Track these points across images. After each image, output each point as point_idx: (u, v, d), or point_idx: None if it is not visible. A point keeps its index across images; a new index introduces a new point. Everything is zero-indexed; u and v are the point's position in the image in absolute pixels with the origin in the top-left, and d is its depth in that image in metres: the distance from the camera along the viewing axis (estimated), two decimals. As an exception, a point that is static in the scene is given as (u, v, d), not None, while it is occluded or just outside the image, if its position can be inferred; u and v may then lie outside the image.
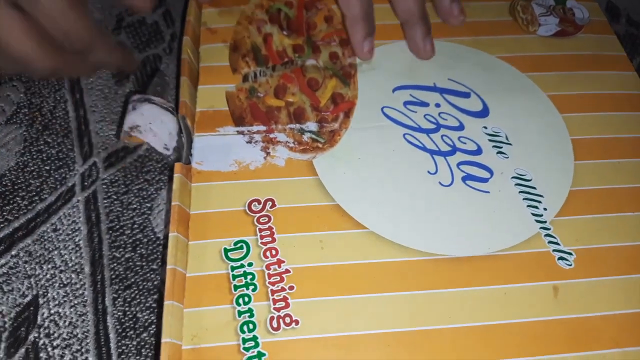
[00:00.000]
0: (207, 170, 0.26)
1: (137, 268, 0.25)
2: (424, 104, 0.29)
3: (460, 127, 0.28)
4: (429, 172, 0.26)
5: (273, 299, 0.22)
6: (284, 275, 0.23)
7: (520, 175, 0.26)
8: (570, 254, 0.24)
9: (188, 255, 0.23)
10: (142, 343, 0.24)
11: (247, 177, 0.26)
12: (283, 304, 0.22)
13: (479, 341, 0.22)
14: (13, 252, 0.24)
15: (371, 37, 0.29)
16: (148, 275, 0.25)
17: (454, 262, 0.24)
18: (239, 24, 0.31)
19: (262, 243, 0.24)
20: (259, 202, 0.25)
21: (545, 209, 0.25)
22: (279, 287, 0.23)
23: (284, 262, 0.23)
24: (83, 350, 0.23)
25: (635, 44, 0.37)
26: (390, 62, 0.30)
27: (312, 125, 0.28)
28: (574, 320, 0.22)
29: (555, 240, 0.24)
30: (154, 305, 0.24)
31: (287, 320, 0.22)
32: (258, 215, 0.25)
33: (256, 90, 0.29)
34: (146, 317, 0.24)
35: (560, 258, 0.24)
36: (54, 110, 0.28)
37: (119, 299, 0.24)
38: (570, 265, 0.23)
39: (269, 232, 0.24)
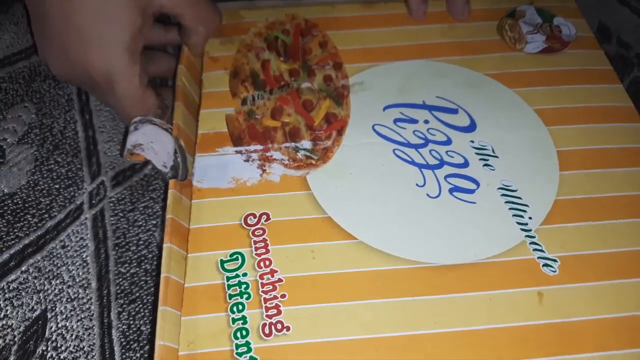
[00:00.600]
0: (206, 187, 0.28)
1: (142, 283, 0.26)
2: (413, 121, 0.30)
3: (448, 142, 0.29)
4: (417, 184, 0.27)
5: (266, 307, 0.24)
6: (276, 284, 0.24)
7: (506, 186, 0.27)
8: (554, 260, 0.24)
9: (187, 266, 0.25)
10: (146, 355, 0.25)
11: (244, 193, 0.27)
12: (275, 311, 0.23)
13: (465, 345, 0.22)
14: (23, 268, 0.24)
15: (426, 2, 0.34)
16: (152, 289, 0.26)
17: (441, 269, 0.24)
18: (239, 52, 0.33)
19: (256, 254, 0.25)
20: (254, 216, 0.26)
21: (530, 218, 0.26)
22: (272, 296, 0.24)
23: (277, 271, 0.25)
24: (89, 363, 0.23)
25: (626, 64, 0.37)
26: (381, 82, 0.32)
27: (306, 144, 0.29)
28: (558, 325, 0.23)
29: (540, 248, 0.25)
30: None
31: (279, 326, 0.23)
32: (253, 228, 0.26)
33: (254, 112, 0.31)
34: (149, 330, 0.25)
35: (545, 265, 0.24)
36: (64, 130, 0.29)
37: (124, 313, 0.25)
38: (555, 271, 0.24)
39: (263, 244, 0.25)
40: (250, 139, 0.30)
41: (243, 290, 0.24)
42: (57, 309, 0.24)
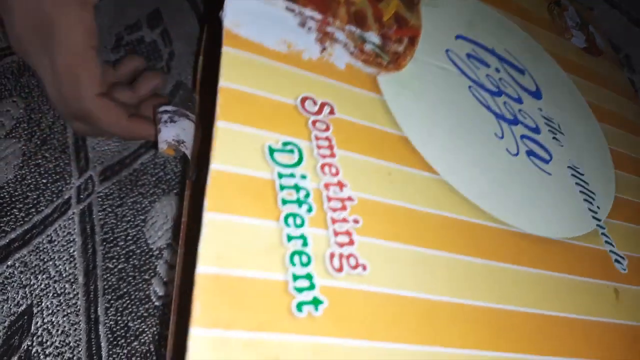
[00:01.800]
0: (246, 37, 0.18)
1: (130, 278, 0.25)
2: (486, 64, 0.25)
3: (519, 101, 0.25)
4: (496, 134, 0.22)
5: (334, 230, 0.16)
6: (346, 203, 0.16)
7: (575, 167, 0.24)
8: (623, 258, 0.22)
9: (216, 139, 0.15)
10: (133, 352, 0.23)
11: (299, 66, 0.19)
12: (347, 239, 0.16)
13: (543, 331, 0.18)
14: (9, 263, 0.24)
15: None
16: (140, 285, 0.25)
17: (529, 239, 0.20)
18: None
19: (319, 154, 0.17)
20: (314, 102, 0.18)
21: (598, 207, 0.23)
22: (341, 217, 0.16)
23: (346, 186, 0.17)
24: (75, 358, 0.22)
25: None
26: (451, 6, 0.26)
27: (374, 37, 0.22)
28: (633, 328, 0.20)
29: (610, 241, 0.22)
30: (145, 314, 0.24)
31: (352, 261, 0.15)
32: (314, 117, 0.18)
33: (313, -31, 0.22)
34: (137, 326, 0.24)
35: (616, 260, 0.22)
36: (52, 125, 0.28)
37: (111, 309, 0.24)
38: (625, 270, 0.22)
39: (327, 143, 0.17)
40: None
41: (302, 199, 0.16)
42: (43, 304, 0.23)
